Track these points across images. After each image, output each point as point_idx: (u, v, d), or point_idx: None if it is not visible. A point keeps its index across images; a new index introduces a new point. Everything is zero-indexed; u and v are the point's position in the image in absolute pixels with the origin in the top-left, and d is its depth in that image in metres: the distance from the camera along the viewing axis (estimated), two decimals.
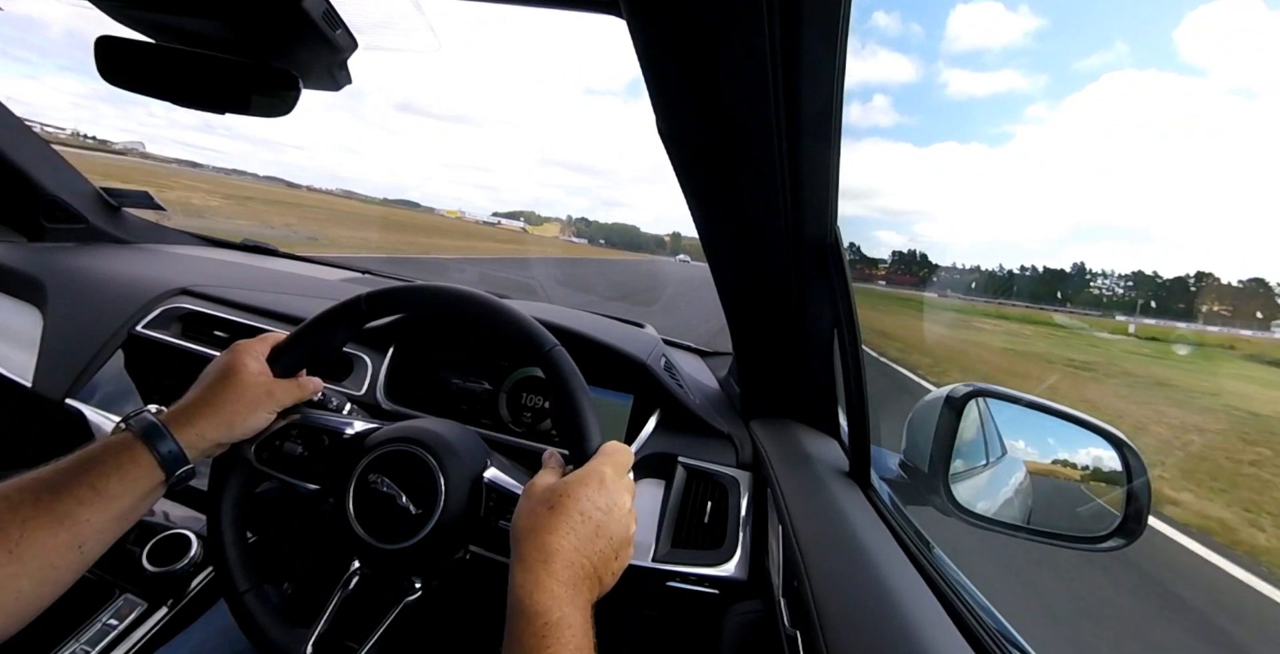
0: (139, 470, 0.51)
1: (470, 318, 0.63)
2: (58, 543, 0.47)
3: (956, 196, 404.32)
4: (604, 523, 0.48)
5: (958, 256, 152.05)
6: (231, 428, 0.58)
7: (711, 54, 0.49)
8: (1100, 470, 0.74)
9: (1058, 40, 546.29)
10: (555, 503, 0.48)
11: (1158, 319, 25.86)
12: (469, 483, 0.61)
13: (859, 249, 22.02)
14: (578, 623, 0.42)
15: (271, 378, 0.61)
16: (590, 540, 0.47)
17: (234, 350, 0.61)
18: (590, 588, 0.47)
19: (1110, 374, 11.29)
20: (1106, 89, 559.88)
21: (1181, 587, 2.32)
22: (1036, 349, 14.05)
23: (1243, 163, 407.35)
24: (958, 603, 0.52)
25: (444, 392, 1.02)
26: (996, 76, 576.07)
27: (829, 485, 0.74)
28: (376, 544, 0.58)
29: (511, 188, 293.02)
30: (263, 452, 0.63)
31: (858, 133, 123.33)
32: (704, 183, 0.67)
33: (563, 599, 0.43)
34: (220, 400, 0.57)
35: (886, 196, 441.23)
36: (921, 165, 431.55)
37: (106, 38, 0.65)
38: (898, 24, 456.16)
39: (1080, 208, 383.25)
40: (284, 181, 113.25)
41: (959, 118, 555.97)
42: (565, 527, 0.47)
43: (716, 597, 0.80)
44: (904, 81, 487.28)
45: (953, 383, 0.80)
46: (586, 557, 0.47)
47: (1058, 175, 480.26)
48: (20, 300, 1.13)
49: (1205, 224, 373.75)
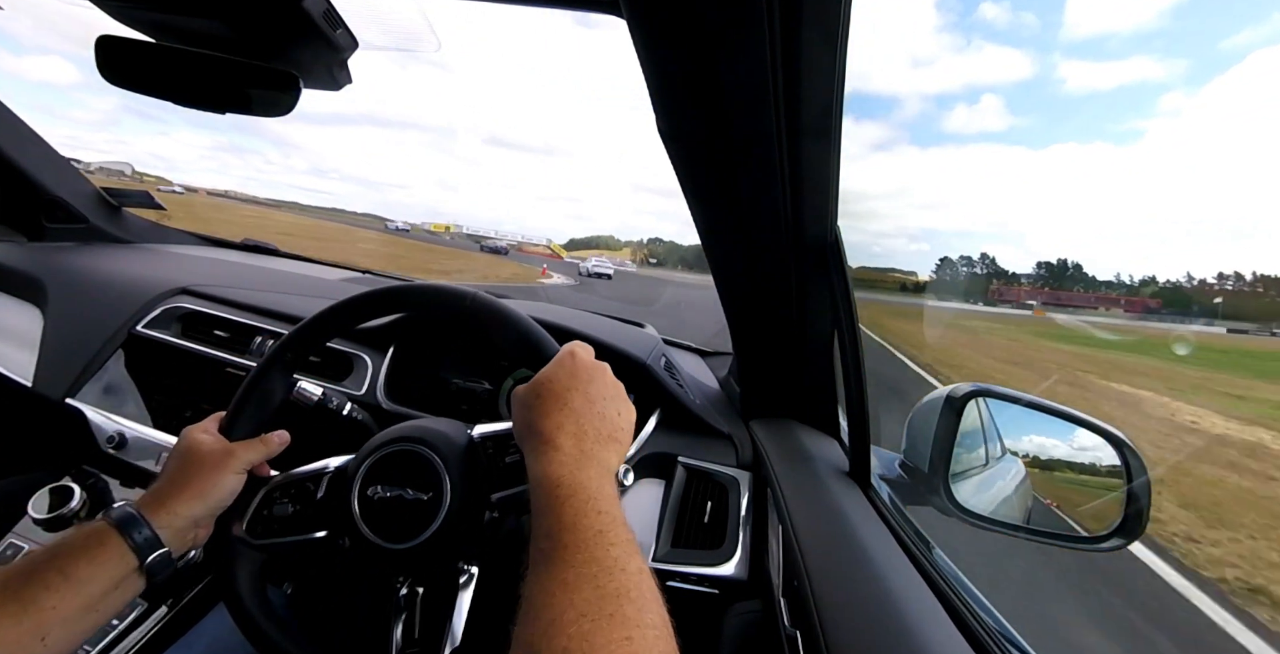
0: (107, 554, 0.49)
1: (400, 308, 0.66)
2: (20, 632, 0.44)
3: (1077, 202, 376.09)
4: (590, 390, 0.51)
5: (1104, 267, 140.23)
6: (205, 498, 0.56)
7: (712, 54, 0.49)
8: (1100, 470, 0.74)
9: (1195, 18, 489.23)
10: (539, 392, 0.50)
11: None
12: (462, 450, 0.61)
13: (993, 261, 20.30)
14: (592, 486, 0.44)
15: (228, 443, 0.61)
16: (585, 409, 0.49)
17: (184, 433, 0.61)
18: (604, 450, 0.48)
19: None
20: (1255, 69, 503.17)
21: None
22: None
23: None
24: (958, 603, 0.52)
25: (444, 391, 1.02)
26: (1123, 65, 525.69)
27: (829, 485, 0.74)
28: (398, 546, 0.57)
29: (600, 216, 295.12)
30: (255, 526, 0.62)
31: (962, 138, 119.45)
32: (704, 183, 0.67)
33: (572, 467, 0.45)
34: (185, 477, 0.56)
35: (992, 207, 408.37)
36: (1037, 170, 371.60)
37: (107, 37, 0.65)
38: (1008, 15, 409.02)
39: (1225, 207, 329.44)
40: (380, 217, 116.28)
41: (1078, 115, 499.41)
42: (554, 407, 0.49)
43: (716, 596, 0.80)
44: (1016, 79, 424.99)
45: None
46: (588, 423, 0.49)
47: (1200, 172, 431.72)
48: (21, 300, 1.13)
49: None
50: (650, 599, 0.38)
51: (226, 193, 24.66)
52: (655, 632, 0.35)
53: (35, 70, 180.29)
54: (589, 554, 0.39)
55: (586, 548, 0.39)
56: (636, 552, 0.41)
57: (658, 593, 0.39)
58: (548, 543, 0.41)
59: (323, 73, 0.69)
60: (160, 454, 0.93)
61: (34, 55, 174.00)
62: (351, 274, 1.54)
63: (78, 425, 0.96)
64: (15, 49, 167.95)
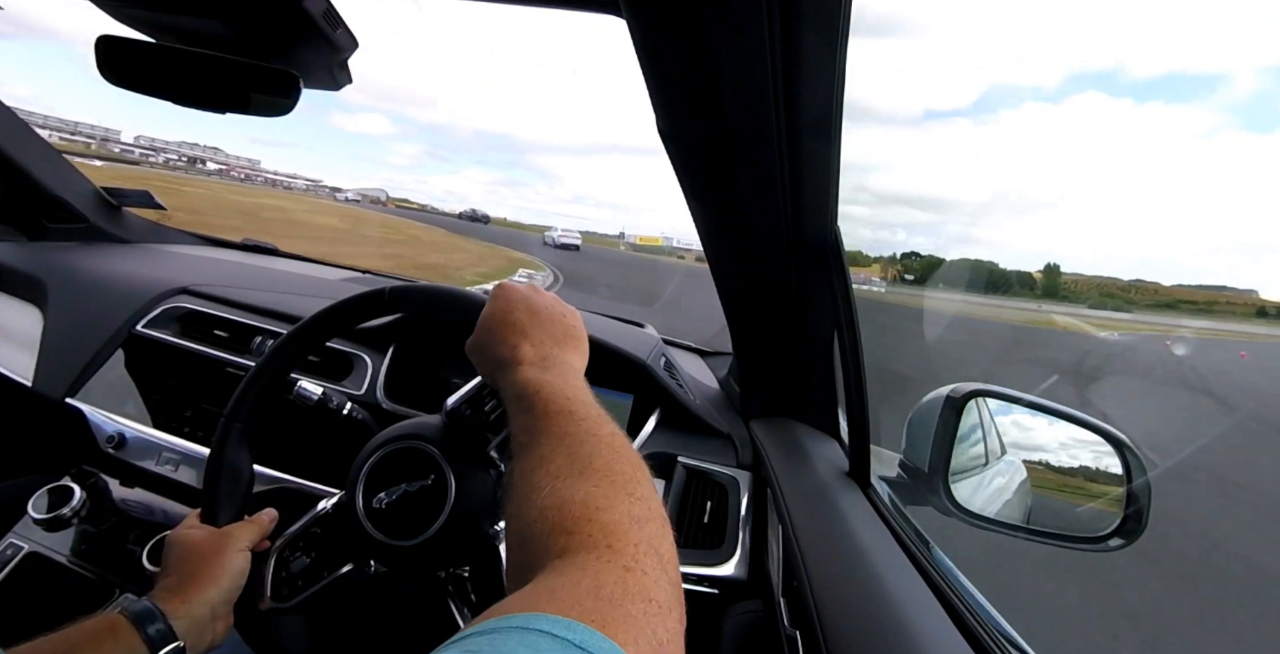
0: (118, 647, 0.48)
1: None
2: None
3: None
4: (530, 304, 0.53)
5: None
6: (218, 583, 0.55)
7: (711, 54, 0.49)
8: (1100, 470, 0.74)
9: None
10: (485, 327, 0.53)
11: None
12: (441, 426, 0.61)
13: None
14: (558, 381, 0.46)
15: (219, 528, 0.60)
16: (530, 321, 0.52)
17: (170, 536, 0.60)
18: (563, 351, 0.51)
19: None
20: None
21: None
22: None
23: None
24: (958, 603, 0.52)
25: (444, 391, 1.02)
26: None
27: (829, 485, 0.74)
28: (422, 538, 0.56)
29: (848, 232, 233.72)
30: (279, 591, 0.61)
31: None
32: (704, 183, 0.67)
33: (537, 371, 0.47)
34: (191, 567, 0.56)
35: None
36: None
37: (106, 37, 0.65)
38: None
39: None
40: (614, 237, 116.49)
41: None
42: (504, 331, 0.51)
43: (716, 596, 0.80)
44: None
45: None
46: (539, 331, 0.51)
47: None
48: (21, 300, 1.13)
49: None
50: (622, 453, 0.39)
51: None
52: (624, 477, 0.37)
53: (359, 125, 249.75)
54: (561, 431, 0.41)
55: (559, 426, 0.41)
56: (608, 421, 0.43)
57: (632, 450, 0.41)
58: (525, 435, 0.43)
59: (323, 73, 0.69)
60: (160, 454, 0.93)
61: (362, 113, 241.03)
62: (351, 274, 1.54)
63: (78, 425, 0.96)
64: (348, 109, 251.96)
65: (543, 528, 0.33)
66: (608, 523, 0.32)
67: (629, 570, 0.30)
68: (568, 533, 0.32)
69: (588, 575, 0.29)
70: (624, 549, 0.31)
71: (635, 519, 0.34)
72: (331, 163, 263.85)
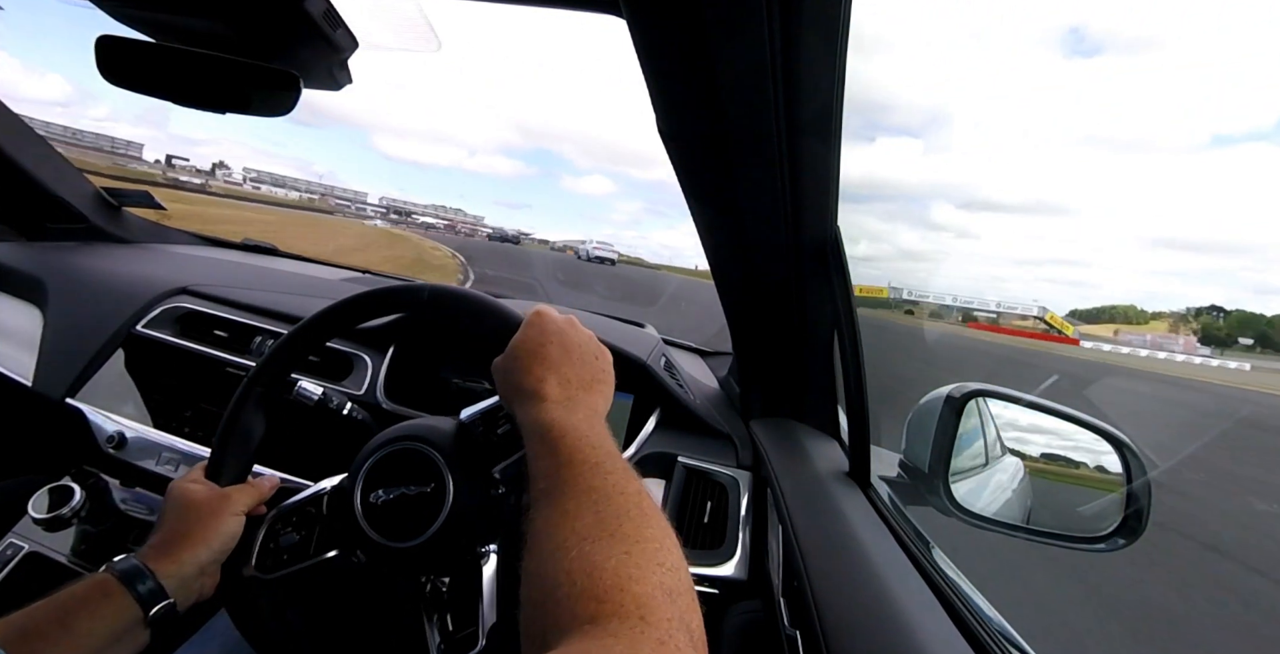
0: (110, 606, 0.49)
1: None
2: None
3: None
4: (564, 341, 0.52)
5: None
6: (209, 544, 0.55)
7: (711, 54, 0.49)
8: (1099, 470, 0.74)
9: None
10: (515, 354, 0.52)
11: None
12: (452, 436, 0.60)
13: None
14: (583, 426, 0.45)
15: (220, 487, 0.60)
16: (562, 358, 0.51)
17: (171, 487, 0.60)
18: (589, 394, 0.50)
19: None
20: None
21: None
22: None
23: None
24: (958, 603, 0.52)
25: (444, 391, 1.02)
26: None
27: (829, 485, 0.74)
28: (412, 543, 0.56)
29: (1099, 279, 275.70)
30: (264, 562, 0.61)
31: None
32: (704, 183, 0.67)
33: (562, 411, 0.47)
34: (185, 525, 0.56)
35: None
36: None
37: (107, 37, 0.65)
38: None
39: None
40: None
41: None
42: (533, 362, 0.50)
43: (716, 596, 0.80)
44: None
45: None
46: (569, 370, 0.50)
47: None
48: (20, 300, 1.13)
49: None
50: (651, 516, 0.39)
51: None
52: (655, 544, 0.36)
53: (587, 187, 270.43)
54: (587, 484, 0.40)
55: (584, 479, 0.40)
56: (633, 476, 0.42)
57: (658, 509, 0.40)
58: (547, 482, 0.42)
59: (323, 73, 0.69)
60: (160, 454, 0.93)
61: (588, 176, 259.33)
62: (351, 274, 1.54)
63: (77, 425, 0.96)
64: (575, 172, 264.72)
65: (570, 592, 0.33)
66: (640, 595, 0.32)
67: (663, 644, 0.30)
68: (598, 600, 0.32)
69: (621, 643, 0.29)
70: (658, 623, 0.31)
71: (668, 592, 0.33)
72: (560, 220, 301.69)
